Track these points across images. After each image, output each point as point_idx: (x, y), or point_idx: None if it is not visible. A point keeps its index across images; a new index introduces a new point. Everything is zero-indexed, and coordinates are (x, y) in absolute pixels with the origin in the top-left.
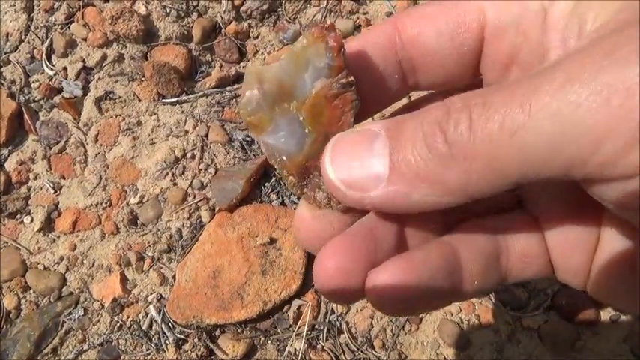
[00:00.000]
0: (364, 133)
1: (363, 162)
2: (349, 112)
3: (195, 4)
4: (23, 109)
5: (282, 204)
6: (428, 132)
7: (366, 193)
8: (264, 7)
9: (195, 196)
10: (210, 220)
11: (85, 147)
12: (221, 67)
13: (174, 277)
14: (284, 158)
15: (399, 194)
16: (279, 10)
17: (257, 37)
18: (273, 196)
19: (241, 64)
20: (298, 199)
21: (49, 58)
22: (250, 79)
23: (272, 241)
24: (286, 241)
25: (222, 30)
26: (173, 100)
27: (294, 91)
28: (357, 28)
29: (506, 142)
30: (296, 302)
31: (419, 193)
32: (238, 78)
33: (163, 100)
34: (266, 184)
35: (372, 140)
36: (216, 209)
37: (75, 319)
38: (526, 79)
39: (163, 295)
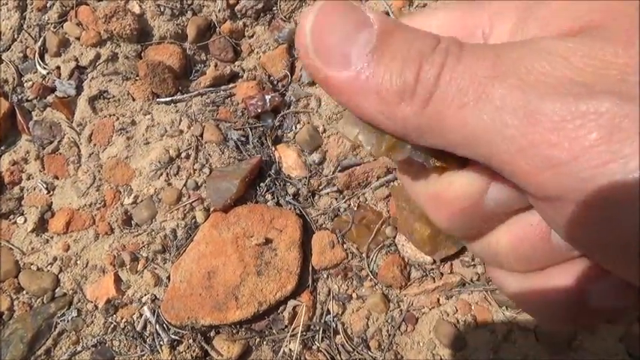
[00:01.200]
0: (356, 14)
1: (341, 40)
2: None
3: (189, 2)
4: (16, 108)
5: (278, 204)
6: (407, 59)
7: (328, 69)
8: (259, 5)
9: (189, 196)
10: (205, 221)
11: (78, 147)
12: (216, 66)
13: (168, 277)
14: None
15: (358, 90)
16: (275, 8)
17: (252, 36)
18: (269, 196)
19: (236, 63)
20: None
21: (41, 57)
22: (348, 129)
23: (267, 241)
24: (282, 242)
25: (217, 29)
26: (167, 99)
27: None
28: None
29: (454, 110)
30: (291, 303)
31: (373, 103)
32: (233, 77)
33: (158, 100)
34: (261, 184)
35: (360, 26)
36: (211, 209)
37: (68, 321)
38: (497, 58)
39: (158, 296)
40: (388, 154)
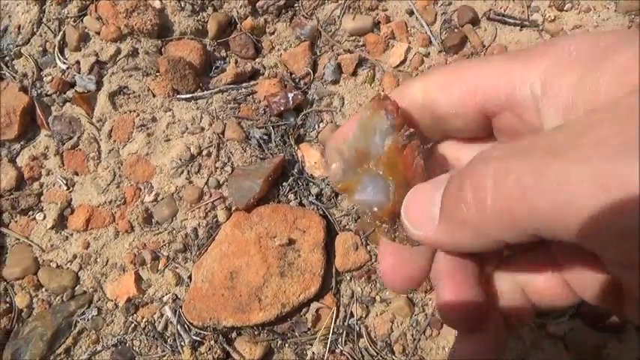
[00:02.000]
0: (433, 184)
1: (425, 208)
2: (418, 155)
3: None
4: (35, 103)
5: (300, 204)
6: (462, 190)
7: (425, 232)
8: (281, 2)
9: (211, 195)
10: (227, 220)
11: (98, 143)
12: (236, 62)
13: (189, 277)
14: (375, 209)
15: (444, 235)
16: (296, 5)
17: (273, 33)
18: (291, 196)
19: (257, 60)
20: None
21: (61, 52)
22: (332, 154)
23: (291, 242)
24: (305, 243)
25: (238, 25)
26: (188, 96)
27: (369, 153)
28: (377, 25)
29: (519, 199)
30: (314, 305)
31: (458, 236)
32: (254, 74)
33: (178, 96)
34: (284, 184)
35: (434, 192)
36: (233, 208)
37: (88, 319)
38: (539, 145)
39: (179, 296)
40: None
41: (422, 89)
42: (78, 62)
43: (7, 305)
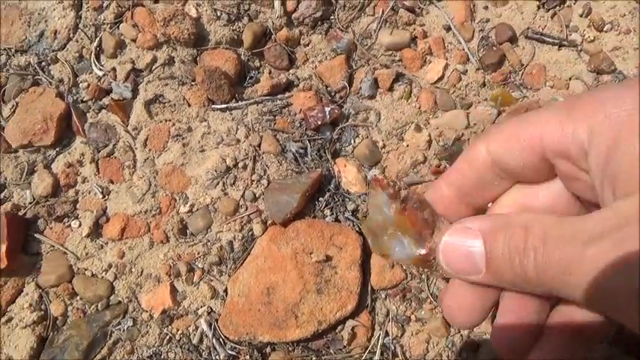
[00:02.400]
0: (465, 234)
1: (466, 258)
2: (417, 210)
3: (246, 8)
4: (72, 109)
5: (337, 220)
6: (511, 251)
7: (470, 277)
8: (318, 14)
9: (247, 208)
10: (263, 234)
11: (133, 151)
12: (270, 73)
13: (225, 290)
14: (409, 262)
15: (491, 282)
16: (332, 18)
17: (308, 45)
18: (327, 212)
19: (290, 71)
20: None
21: (97, 58)
22: (367, 233)
23: (328, 258)
24: (342, 260)
25: (273, 36)
26: (223, 106)
27: (386, 222)
28: (414, 39)
29: (560, 276)
30: (350, 323)
31: (503, 283)
32: (289, 86)
33: (213, 106)
34: (320, 199)
35: (471, 241)
36: (269, 222)
37: (124, 330)
38: (582, 227)
39: (214, 309)
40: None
41: (486, 151)
42: (114, 69)
43: (42, 313)
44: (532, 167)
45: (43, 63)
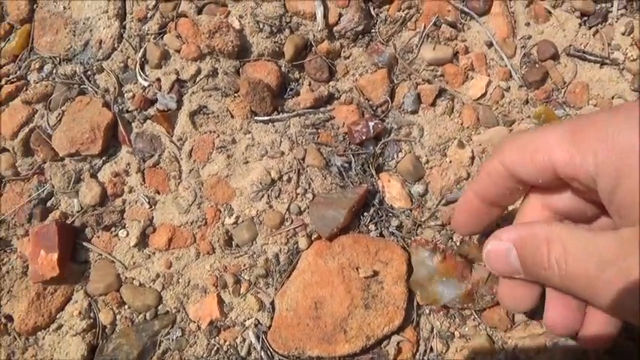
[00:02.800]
0: (500, 243)
1: (506, 262)
2: (454, 255)
3: (287, 20)
4: (118, 119)
5: (381, 235)
6: (537, 264)
7: (515, 276)
8: (359, 27)
9: (292, 221)
10: (308, 247)
11: (179, 162)
12: (310, 85)
13: (272, 303)
14: (457, 300)
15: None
16: (373, 31)
17: (348, 58)
18: (372, 227)
19: (330, 83)
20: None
21: (142, 68)
22: (414, 287)
23: (375, 273)
24: (388, 275)
25: (314, 48)
26: (266, 118)
27: (431, 273)
28: (455, 55)
29: (582, 290)
30: (395, 338)
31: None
32: (330, 98)
33: (256, 118)
34: (365, 214)
35: (506, 249)
36: (314, 236)
37: (172, 340)
38: (595, 247)
39: (260, 321)
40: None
41: (502, 165)
42: (159, 80)
43: (92, 321)
44: (548, 182)
45: (89, 72)
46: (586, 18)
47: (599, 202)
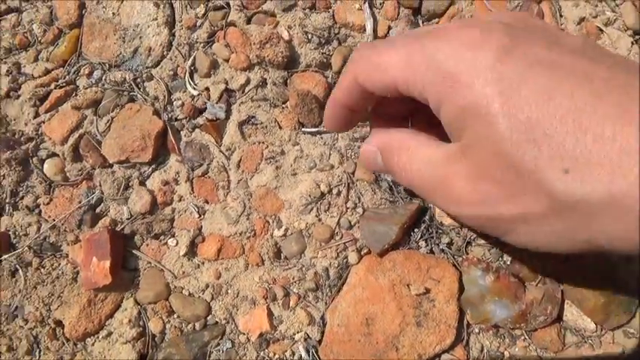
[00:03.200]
0: (370, 151)
1: (375, 165)
2: (507, 274)
3: (336, 31)
4: (167, 127)
5: (431, 252)
6: (391, 160)
7: (382, 173)
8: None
9: (342, 236)
10: (358, 262)
11: (227, 172)
12: None
13: (322, 317)
14: (509, 320)
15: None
16: None
17: None
18: (422, 243)
19: None
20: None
21: (191, 77)
22: (465, 305)
23: (426, 291)
24: (439, 293)
25: None
26: (314, 130)
27: (483, 292)
28: None
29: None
30: (446, 357)
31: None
32: None
33: (303, 130)
34: (415, 230)
35: (375, 155)
36: (364, 251)
37: (223, 351)
38: (435, 153)
39: (310, 335)
40: None
41: (355, 81)
42: (207, 89)
43: (141, 329)
44: (396, 96)
45: (139, 79)
46: (638, 37)
47: None
